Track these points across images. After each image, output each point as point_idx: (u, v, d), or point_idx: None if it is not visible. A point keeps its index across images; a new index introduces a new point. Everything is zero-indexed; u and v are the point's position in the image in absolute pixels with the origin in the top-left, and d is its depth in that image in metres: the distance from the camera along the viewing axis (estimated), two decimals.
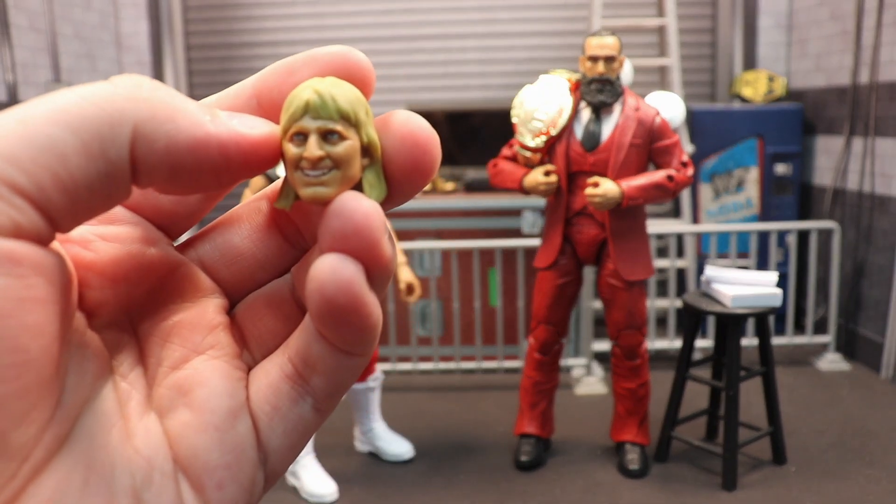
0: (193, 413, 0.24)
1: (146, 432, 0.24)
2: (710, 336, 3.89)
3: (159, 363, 0.25)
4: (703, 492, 2.70)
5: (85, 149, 0.20)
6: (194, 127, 0.22)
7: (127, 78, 0.21)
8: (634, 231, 2.73)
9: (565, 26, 4.78)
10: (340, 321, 0.22)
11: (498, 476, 2.86)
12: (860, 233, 3.92)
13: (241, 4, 4.88)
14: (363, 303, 0.22)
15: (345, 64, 0.24)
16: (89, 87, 0.21)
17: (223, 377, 0.25)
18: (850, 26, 3.95)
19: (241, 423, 0.24)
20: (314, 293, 0.22)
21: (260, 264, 0.27)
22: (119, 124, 0.20)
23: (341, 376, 0.25)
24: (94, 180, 0.20)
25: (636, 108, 2.66)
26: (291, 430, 0.25)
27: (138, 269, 0.25)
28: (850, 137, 4.00)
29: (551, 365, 2.90)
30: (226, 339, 0.26)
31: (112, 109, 0.20)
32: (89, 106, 0.20)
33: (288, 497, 2.74)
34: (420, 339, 3.96)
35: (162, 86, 0.22)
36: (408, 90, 4.86)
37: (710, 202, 4.32)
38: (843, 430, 3.14)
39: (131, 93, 0.21)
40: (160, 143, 0.21)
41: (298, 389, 0.25)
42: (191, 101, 0.22)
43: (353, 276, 0.22)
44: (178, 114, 0.21)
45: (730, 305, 2.74)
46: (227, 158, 0.22)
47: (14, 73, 3.63)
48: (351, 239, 0.22)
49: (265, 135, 0.23)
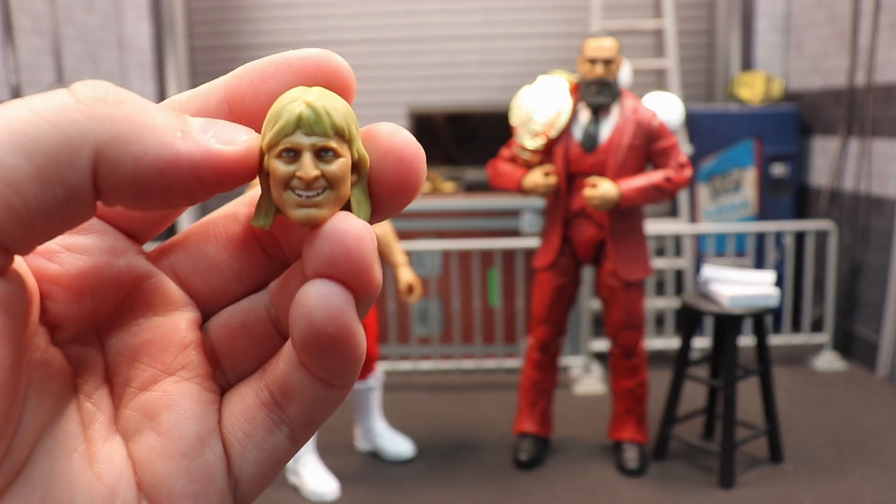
0: (160, 438, 0.23)
1: (109, 457, 0.22)
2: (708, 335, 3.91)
3: (127, 383, 0.24)
4: (701, 490, 2.72)
5: (40, 175, 0.18)
6: (163, 147, 0.20)
7: (89, 87, 0.19)
8: (633, 231, 2.75)
9: (564, 28, 4.81)
10: (326, 351, 0.21)
11: (497, 475, 2.88)
12: (856, 233, 3.95)
13: (243, 6, 4.91)
14: (351, 333, 0.21)
15: (322, 68, 0.23)
16: (47, 99, 0.19)
17: (193, 401, 0.23)
18: (846, 28, 3.98)
19: (210, 450, 0.23)
20: (300, 320, 0.21)
21: (236, 276, 0.25)
22: (79, 147, 0.18)
23: (320, 408, 0.24)
24: (52, 206, 0.19)
25: (634, 109, 2.68)
26: (264, 460, 0.24)
27: (105, 283, 0.23)
28: (847, 138, 4.03)
29: (550, 364, 2.92)
30: (197, 359, 0.24)
31: (71, 130, 0.18)
32: (46, 126, 0.18)
33: (289, 495, 2.76)
34: (420, 339, 3.99)
35: (128, 95, 0.20)
36: (408, 92, 4.88)
37: (708, 203, 4.34)
38: (839, 429, 3.16)
39: (93, 108, 0.19)
40: (126, 167, 0.19)
41: (274, 418, 0.24)
42: (161, 113, 0.20)
43: (342, 306, 0.21)
44: (145, 132, 0.20)
45: (727, 305, 2.76)
46: (199, 179, 0.21)
47: (17, 75, 3.65)
48: (341, 263, 0.21)
49: (242, 151, 0.21)
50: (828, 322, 3.92)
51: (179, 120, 0.21)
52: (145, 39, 4.81)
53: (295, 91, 0.22)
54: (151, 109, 0.20)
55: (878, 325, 3.76)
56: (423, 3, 4.84)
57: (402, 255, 2.81)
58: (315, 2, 4.86)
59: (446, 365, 3.91)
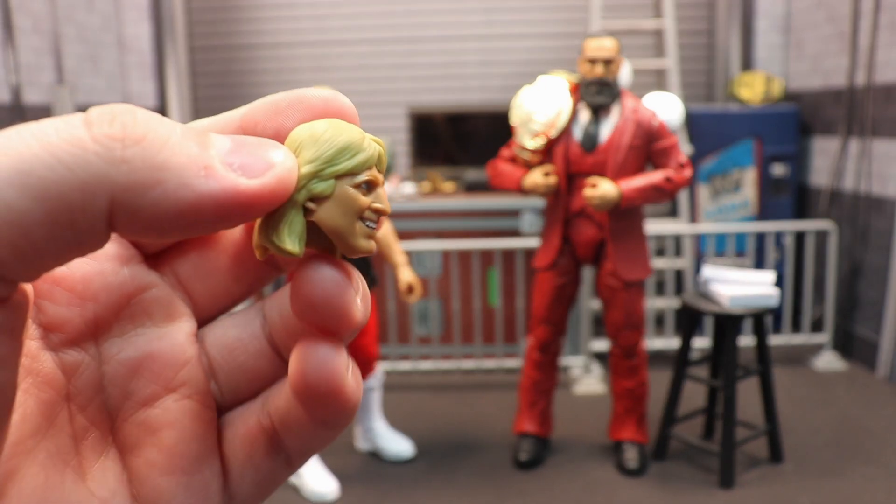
0: (161, 454, 0.23)
1: (103, 472, 0.23)
2: (708, 335, 3.92)
3: (126, 397, 0.24)
4: (701, 490, 2.73)
5: (51, 220, 0.17)
6: (184, 190, 0.19)
7: (106, 122, 0.18)
8: (633, 231, 2.75)
9: (564, 28, 4.81)
10: (320, 405, 0.22)
11: (497, 474, 2.89)
12: (856, 233, 3.95)
13: (243, 6, 4.91)
14: (341, 391, 0.22)
15: (330, 108, 0.23)
16: (60, 133, 0.18)
17: (193, 419, 0.24)
18: (846, 28, 3.98)
19: (208, 468, 0.24)
20: (295, 376, 0.22)
21: (235, 278, 0.26)
22: (93, 194, 0.18)
23: (316, 443, 0.25)
24: (62, 248, 0.18)
25: (634, 109, 2.68)
26: (261, 481, 0.25)
27: (109, 289, 0.24)
28: (847, 138, 4.03)
29: (550, 364, 2.92)
30: (197, 376, 0.25)
31: (86, 175, 0.17)
32: (59, 168, 0.17)
33: (289, 496, 2.77)
34: (420, 339, 3.99)
35: (147, 129, 0.19)
36: (408, 92, 4.89)
37: (708, 202, 4.35)
38: (839, 429, 3.16)
39: (109, 150, 0.18)
40: (144, 213, 0.18)
41: (274, 444, 0.25)
42: (183, 146, 0.19)
43: (334, 367, 0.22)
44: (165, 174, 0.18)
45: (727, 305, 2.76)
46: (224, 217, 0.20)
47: (18, 75, 3.65)
48: (320, 309, 0.22)
49: (273, 184, 0.20)
50: (828, 322, 3.93)
51: (203, 149, 0.19)
52: (145, 39, 4.81)
53: (337, 124, 0.22)
54: (173, 144, 0.19)
55: (878, 325, 3.76)
56: (423, 3, 4.84)
57: (402, 255, 2.81)
58: (315, 2, 4.86)
59: (446, 365, 3.91)
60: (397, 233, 3.81)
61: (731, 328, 2.74)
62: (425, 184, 4.28)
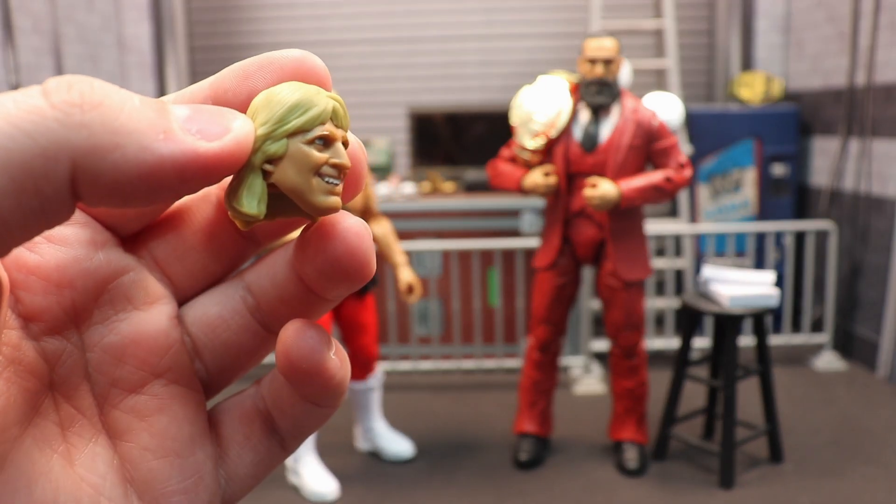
0: (153, 438, 0.24)
1: (92, 458, 0.23)
2: (708, 335, 3.92)
3: (113, 384, 0.24)
4: (701, 490, 2.73)
5: (15, 188, 0.17)
6: (144, 153, 0.19)
7: (64, 90, 0.18)
8: (633, 231, 2.75)
9: (564, 28, 4.81)
10: (305, 382, 0.24)
11: (497, 474, 2.89)
12: (856, 233, 3.95)
13: (243, 6, 4.91)
14: (325, 367, 0.23)
15: (301, 68, 0.23)
16: (19, 103, 0.18)
17: (183, 403, 0.24)
18: (846, 28, 3.98)
19: (201, 450, 0.24)
20: (281, 356, 0.23)
21: (213, 256, 0.26)
22: (55, 159, 0.18)
23: (308, 423, 0.26)
24: (28, 216, 0.18)
25: (634, 109, 2.68)
26: (259, 462, 0.26)
27: (84, 275, 0.23)
28: (847, 138, 4.03)
29: (550, 364, 2.92)
30: (183, 359, 0.25)
31: (46, 142, 0.18)
32: (20, 136, 0.17)
33: (289, 495, 2.77)
34: (420, 339, 3.99)
35: (104, 96, 0.19)
36: (408, 92, 4.89)
37: (708, 202, 4.35)
38: (839, 429, 3.16)
39: (68, 116, 0.18)
40: (106, 176, 0.19)
41: (269, 426, 0.26)
42: (141, 112, 0.19)
43: (314, 346, 0.23)
44: (123, 138, 0.19)
45: (727, 305, 2.76)
46: (184, 180, 0.20)
47: (17, 75, 3.65)
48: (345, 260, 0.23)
49: (231, 146, 0.21)
50: (828, 322, 3.93)
51: (161, 116, 0.20)
52: (145, 39, 4.81)
53: (293, 85, 0.22)
54: (130, 110, 0.19)
55: (878, 325, 3.76)
56: (423, 3, 4.84)
57: (402, 255, 2.81)
58: (315, 2, 4.86)
59: (446, 365, 3.91)
60: (397, 233, 3.81)
61: (731, 328, 2.74)
62: (425, 184, 4.28)
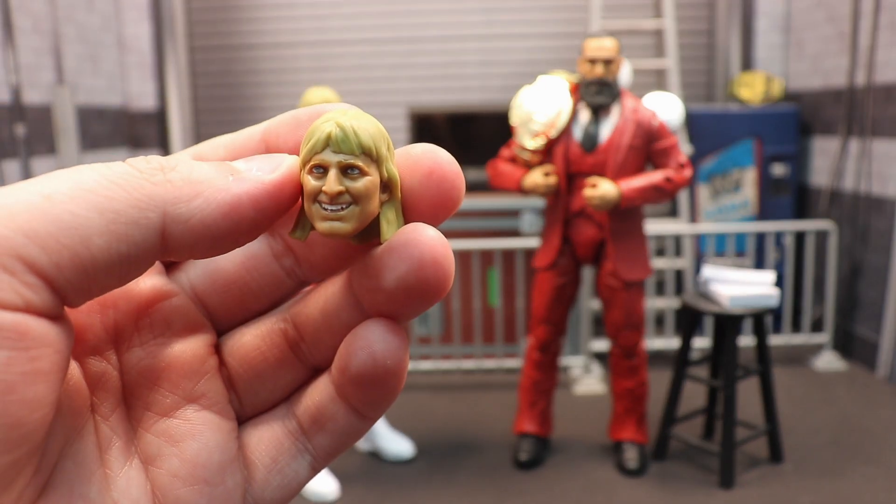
0: (183, 465, 0.23)
1: (127, 483, 0.23)
2: (708, 335, 3.92)
3: (147, 407, 0.24)
4: (701, 490, 2.73)
5: (109, 230, 0.19)
6: (222, 193, 0.21)
7: (143, 161, 0.21)
8: (633, 231, 2.75)
9: (564, 28, 4.81)
10: (379, 385, 0.23)
11: (497, 475, 2.89)
12: (856, 233, 3.95)
13: (243, 6, 4.91)
14: (405, 369, 0.23)
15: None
16: (111, 168, 0.20)
17: (214, 430, 0.24)
18: (846, 28, 3.98)
19: (231, 478, 0.24)
20: (361, 353, 0.22)
21: (253, 294, 0.26)
22: (146, 209, 0.20)
23: (347, 438, 0.25)
24: (115, 262, 0.20)
25: (634, 109, 2.68)
26: (286, 485, 0.25)
27: (128, 297, 0.24)
28: (847, 138, 4.03)
29: (550, 364, 2.92)
30: (217, 387, 0.25)
31: (139, 194, 0.20)
32: (115, 188, 0.20)
33: None
34: (420, 339, 3.99)
35: (177, 161, 0.22)
36: (408, 92, 4.89)
37: (708, 202, 4.35)
38: (839, 429, 3.16)
39: (153, 176, 0.21)
40: (193, 219, 0.21)
41: (299, 446, 0.25)
42: (209, 166, 0.22)
43: (402, 343, 0.23)
44: (202, 186, 0.21)
45: (727, 305, 2.76)
46: (260, 210, 0.22)
47: (18, 75, 3.66)
48: (428, 269, 0.22)
49: (286, 174, 0.23)
50: (828, 322, 3.93)
51: (226, 166, 0.22)
52: (145, 40, 4.81)
53: (332, 113, 0.23)
54: (201, 166, 0.22)
55: (878, 326, 3.76)
56: (423, 3, 4.84)
57: None
58: (315, 2, 4.87)
59: (446, 365, 3.91)
60: None
61: (731, 328, 2.74)
62: None
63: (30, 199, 0.19)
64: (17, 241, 0.18)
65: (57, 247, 0.19)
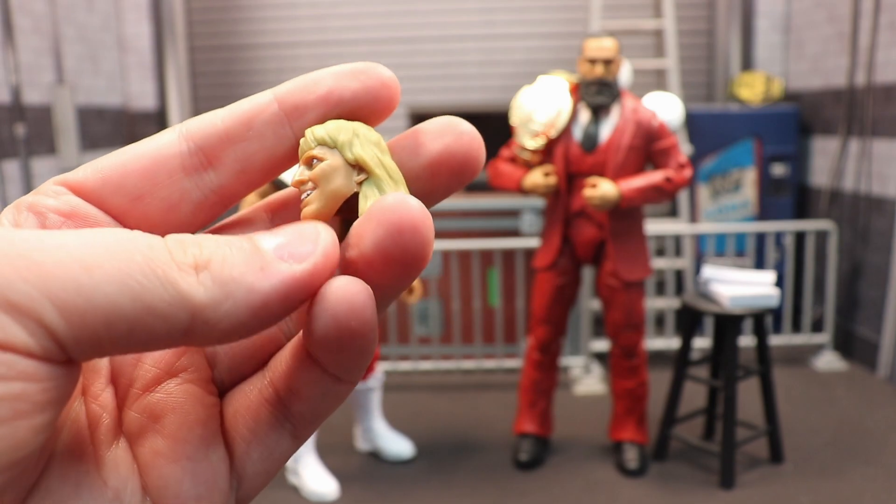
0: (165, 441, 0.23)
1: (115, 462, 0.23)
2: (708, 335, 3.91)
3: (130, 384, 0.24)
4: (701, 490, 2.72)
5: (135, 321, 0.19)
6: (252, 295, 0.20)
7: (180, 251, 0.20)
8: (633, 231, 2.75)
9: (564, 28, 4.81)
10: (346, 346, 0.22)
11: (497, 475, 2.88)
12: (856, 233, 3.95)
13: (243, 6, 4.91)
14: (372, 328, 0.22)
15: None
16: (154, 250, 0.19)
17: (196, 403, 0.24)
18: (846, 28, 3.98)
19: (214, 453, 0.24)
20: (324, 314, 0.21)
21: None
22: (177, 307, 0.19)
23: (325, 403, 0.24)
24: (133, 346, 0.19)
25: (634, 109, 2.68)
26: (267, 457, 0.25)
27: None
28: (847, 138, 4.03)
29: (550, 364, 2.92)
30: (199, 361, 0.25)
31: (174, 291, 0.19)
32: (154, 279, 0.19)
33: (288, 495, 2.76)
34: (420, 339, 3.99)
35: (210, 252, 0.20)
36: (408, 92, 4.88)
37: (708, 203, 4.35)
38: (839, 429, 3.16)
39: (188, 276, 0.20)
40: (223, 324, 0.20)
41: (278, 415, 0.24)
42: (237, 254, 0.21)
43: (366, 302, 0.21)
44: (232, 286, 0.20)
45: (727, 305, 2.76)
46: (288, 304, 0.21)
47: (18, 75, 3.65)
48: (406, 233, 0.22)
49: (320, 260, 0.21)
50: (828, 322, 3.92)
51: (255, 254, 0.21)
52: (145, 40, 4.81)
53: None
54: (230, 257, 0.21)
55: (879, 326, 3.76)
56: (423, 3, 4.84)
57: None
58: (315, 2, 4.86)
59: (446, 365, 3.91)
60: None
61: (731, 328, 2.74)
62: None
63: (69, 267, 0.18)
64: (44, 308, 0.18)
65: (80, 323, 0.18)
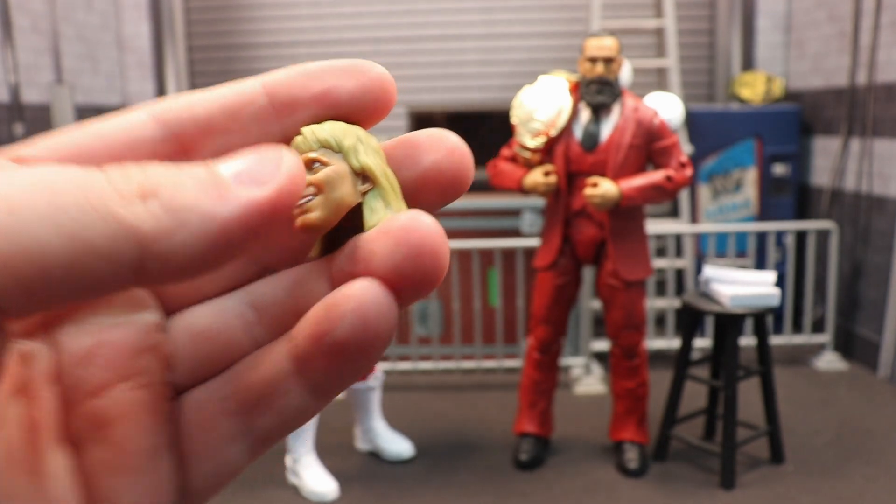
0: (111, 450, 0.21)
1: (55, 471, 0.21)
2: (709, 335, 3.91)
3: (77, 385, 0.22)
4: (702, 491, 2.72)
5: (73, 261, 0.17)
6: (207, 222, 0.18)
7: (122, 180, 0.18)
8: (633, 231, 2.74)
9: (564, 27, 4.80)
10: (362, 356, 0.20)
11: (497, 475, 2.88)
12: (858, 233, 3.94)
13: (243, 5, 4.90)
14: (387, 340, 0.20)
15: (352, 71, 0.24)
16: (89, 182, 0.17)
17: (146, 411, 0.22)
18: (847, 27, 3.97)
19: (163, 465, 0.22)
20: (351, 317, 0.20)
21: (208, 276, 0.24)
22: (121, 242, 0.17)
23: (296, 419, 0.23)
24: (75, 292, 0.17)
25: (635, 108, 2.67)
26: (219, 472, 0.23)
27: None
28: (848, 138, 4.02)
29: (550, 364, 2.92)
30: (154, 365, 0.23)
31: (116, 224, 0.17)
32: (92, 212, 0.17)
33: (288, 496, 2.76)
34: (420, 339, 3.98)
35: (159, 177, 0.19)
36: (408, 91, 4.88)
37: (709, 202, 4.34)
38: (840, 430, 3.16)
39: (132, 205, 0.18)
40: (178, 256, 0.18)
41: (237, 429, 0.23)
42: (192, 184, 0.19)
43: (394, 310, 0.20)
44: (185, 214, 0.18)
45: (728, 305, 2.75)
46: (252, 231, 0.19)
47: (16, 75, 3.65)
48: (424, 257, 0.20)
49: (284, 183, 0.19)
50: (829, 322, 3.92)
51: (209, 175, 0.19)
52: (145, 39, 4.81)
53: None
54: (182, 182, 0.18)
55: (880, 326, 3.75)
56: (423, 3, 4.84)
57: None
58: (315, 2, 4.86)
59: (446, 365, 3.90)
60: None
61: (731, 328, 2.74)
62: None
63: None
64: None
65: (6, 271, 0.16)
